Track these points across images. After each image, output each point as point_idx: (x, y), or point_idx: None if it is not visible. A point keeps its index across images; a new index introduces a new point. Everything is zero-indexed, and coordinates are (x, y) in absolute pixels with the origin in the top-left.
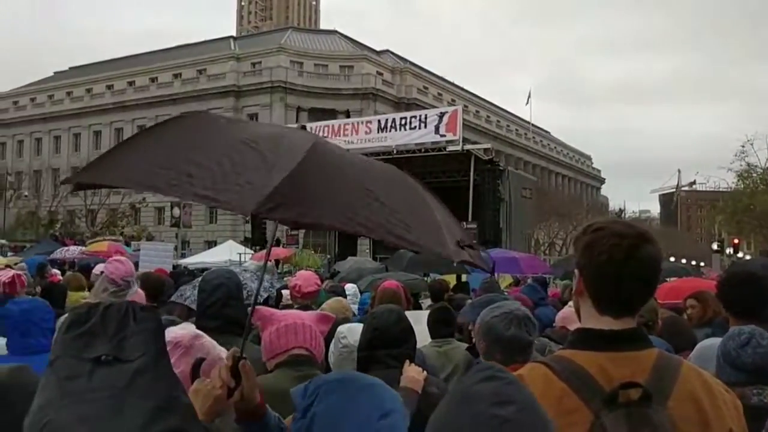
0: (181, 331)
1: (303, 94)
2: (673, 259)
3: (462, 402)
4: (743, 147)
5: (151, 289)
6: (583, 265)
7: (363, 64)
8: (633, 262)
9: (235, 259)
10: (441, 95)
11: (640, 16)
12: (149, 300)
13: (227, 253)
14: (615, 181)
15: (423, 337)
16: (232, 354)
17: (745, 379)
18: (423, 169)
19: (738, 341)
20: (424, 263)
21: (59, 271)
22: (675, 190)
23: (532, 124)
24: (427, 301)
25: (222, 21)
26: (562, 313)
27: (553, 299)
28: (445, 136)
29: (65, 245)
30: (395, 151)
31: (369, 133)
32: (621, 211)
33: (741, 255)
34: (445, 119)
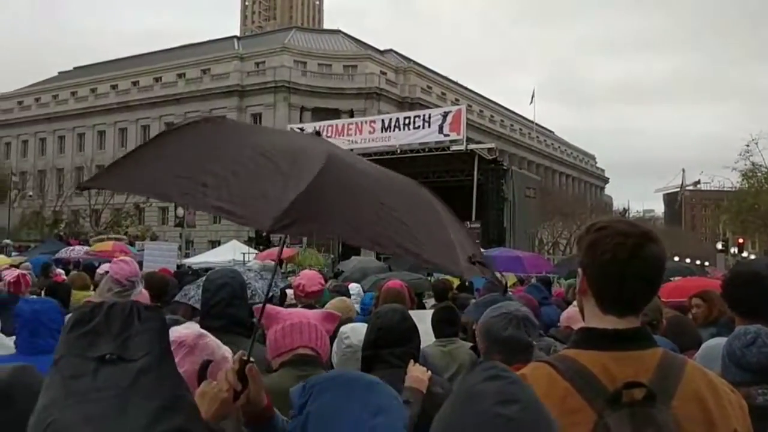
0: (185, 330)
1: (307, 93)
2: (677, 258)
3: (466, 401)
4: (748, 146)
5: (155, 288)
6: (586, 265)
7: (367, 64)
8: (637, 261)
9: (239, 259)
10: (445, 95)
11: (640, 16)
12: (153, 300)
13: (231, 253)
14: (619, 180)
15: (426, 336)
16: (239, 357)
17: (750, 379)
18: (427, 169)
19: (743, 341)
20: None
21: (63, 271)
22: (679, 190)
23: (536, 124)
24: (430, 301)
25: (226, 21)
26: (567, 312)
27: (557, 299)
28: (449, 135)
29: (70, 245)
30: (399, 151)
31: (373, 132)
32: (625, 210)
33: (746, 254)
34: (449, 119)
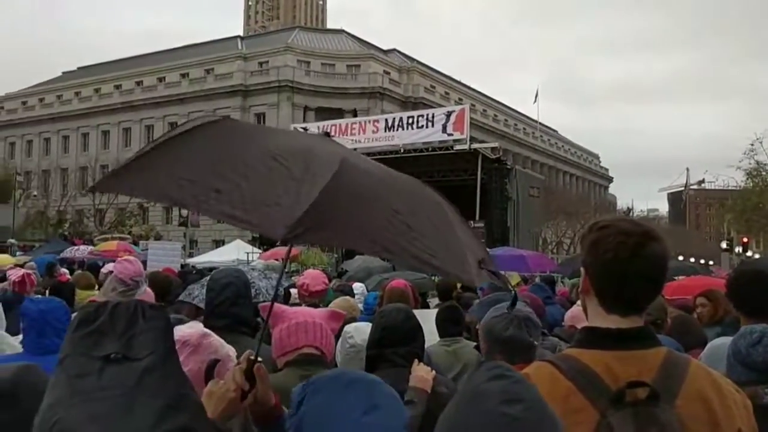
0: (189, 329)
1: (310, 93)
2: (681, 257)
3: (471, 401)
4: (752, 145)
5: (158, 288)
6: (589, 264)
7: (370, 64)
8: (639, 260)
9: (243, 259)
10: (448, 94)
11: (642, 15)
12: (156, 300)
13: (235, 253)
14: (623, 180)
15: (431, 336)
16: (247, 356)
17: (756, 378)
18: (430, 168)
19: (749, 340)
20: None
21: (68, 271)
22: (683, 189)
23: (540, 123)
24: (434, 300)
25: (229, 21)
26: (571, 312)
27: (561, 298)
28: (452, 135)
29: (74, 245)
30: (402, 150)
31: (376, 132)
32: (629, 209)
33: (750, 254)
34: (453, 118)
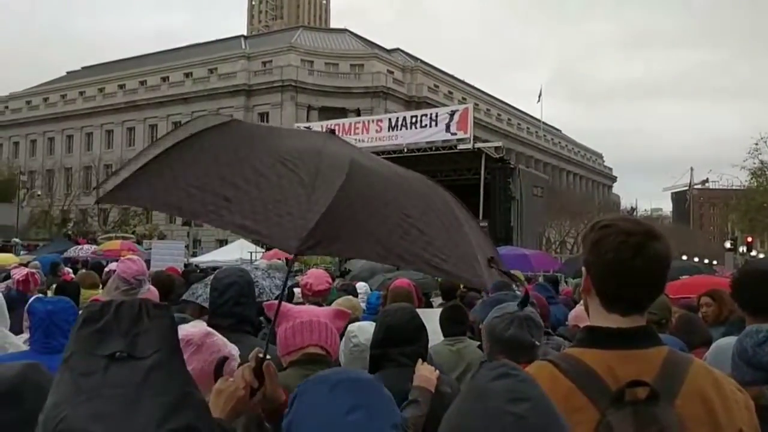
0: (193, 329)
1: (313, 92)
2: (685, 257)
3: (476, 399)
4: (756, 145)
5: (161, 287)
6: (590, 263)
7: (373, 63)
8: (640, 259)
9: (246, 258)
10: (452, 93)
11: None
12: (159, 299)
13: (238, 252)
14: (627, 179)
15: (434, 335)
16: (255, 354)
17: (762, 378)
18: (434, 168)
19: (755, 339)
20: None
21: (71, 270)
22: (687, 188)
23: (543, 122)
24: (437, 300)
25: (233, 20)
26: (575, 311)
27: (565, 298)
28: (456, 134)
29: (78, 244)
30: (406, 150)
31: (380, 131)
32: (633, 209)
33: (754, 253)
34: (456, 117)
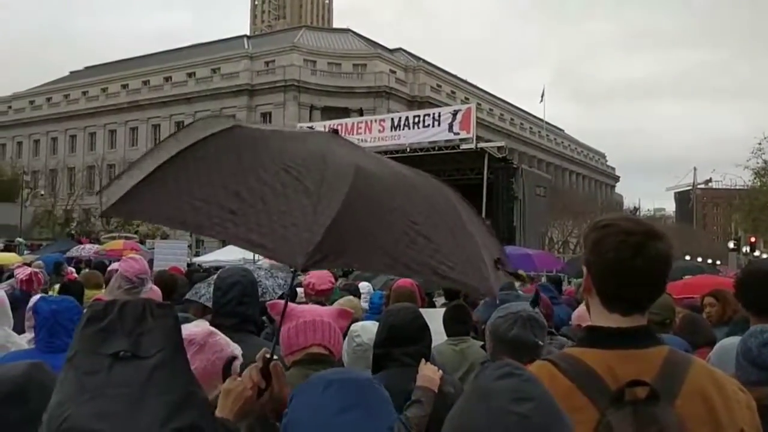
0: (195, 328)
1: (316, 92)
2: (688, 257)
3: (480, 399)
4: (760, 144)
5: (164, 287)
6: (591, 263)
7: (376, 63)
8: (640, 259)
9: (249, 257)
10: (454, 93)
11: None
12: (162, 298)
13: (241, 252)
14: (630, 179)
15: (437, 335)
16: (263, 355)
17: (767, 378)
18: (436, 167)
19: (760, 339)
20: None
21: (74, 270)
22: (691, 188)
23: (546, 122)
24: (440, 299)
25: (235, 20)
26: (578, 311)
27: (568, 298)
28: (458, 134)
29: (81, 243)
30: (408, 150)
31: (382, 131)
32: (636, 209)
33: (758, 253)
34: (459, 117)
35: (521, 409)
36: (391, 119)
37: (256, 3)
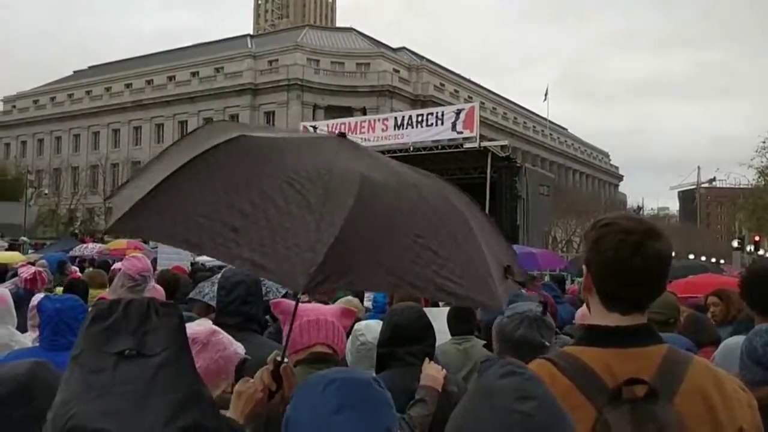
0: (198, 327)
1: (319, 91)
2: (692, 256)
3: (483, 398)
4: (764, 143)
5: (166, 286)
6: (590, 261)
7: (379, 62)
8: (639, 258)
9: None
10: (458, 92)
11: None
12: (165, 298)
13: None
14: (633, 178)
15: (440, 335)
16: (274, 358)
17: None
18: (440, 166)
19: (765, 338)
20: None
21: (78, 268)
22: (695, 187)
23: (550, 121)
24: None
25: (239, 19)
26: (581, 310)
27: (571, 296)
28: (462, 133)
29: (84, 243)
30: (412, 149)
31: (386, 130)
32: (639, 208)
33: (762, 252)
34: (462, 116)
35: (524, 407)
36: (395, 118)
37: (260, 2)
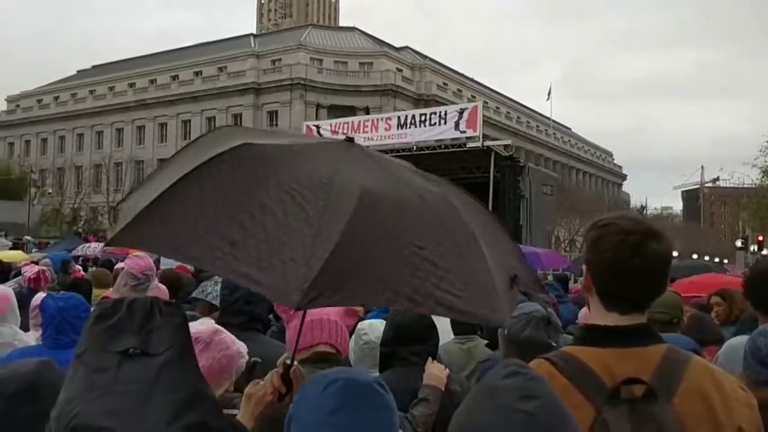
0: (201, 326)
1: (322, 91)
2: (696, 256)
3: (486, 397)
4: None
5: (169, 285)
6: (590, 262)
7: (382, 61)
8: (638, 259)
9: None
10: (461, 91)
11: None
12: (168, 297)
13: None
14: (637, 177)
15: (443, 334)
16: (283, 361)
17: None
18: (443, 166)
19: None
20: None
21: (81, 267)
22: (698, 187)
23: (553, 120)
24: None
25: (242, 19)
26: (584, 310)
27: (574, 296)
28: (465, 132)
29: (87, 242)
30: (414, 148)
31: (389, 129)
32: (643, 207)
33: (765, 252)
34: (465, 115)
35: (528, 407)
36: (398, 117)
37: (263, 2)
